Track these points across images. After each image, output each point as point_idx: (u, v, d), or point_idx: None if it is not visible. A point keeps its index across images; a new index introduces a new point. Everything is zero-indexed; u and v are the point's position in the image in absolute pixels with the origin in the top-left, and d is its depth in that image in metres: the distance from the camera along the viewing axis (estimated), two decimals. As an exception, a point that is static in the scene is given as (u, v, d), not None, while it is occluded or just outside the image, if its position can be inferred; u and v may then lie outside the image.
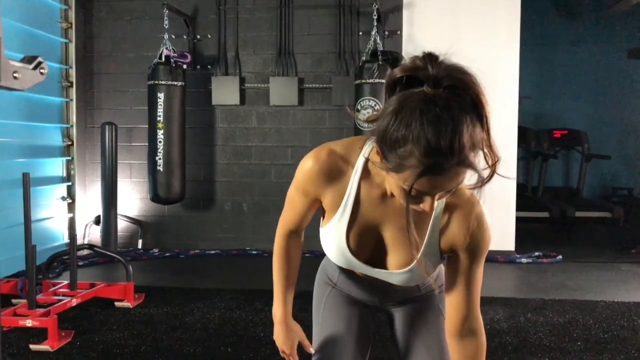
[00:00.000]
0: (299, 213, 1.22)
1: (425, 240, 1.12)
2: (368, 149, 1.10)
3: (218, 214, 5.03)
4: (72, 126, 4.81)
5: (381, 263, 1.18)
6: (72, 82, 4.77)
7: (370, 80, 4.28)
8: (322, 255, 1.33)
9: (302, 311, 3.21)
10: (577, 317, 3.16)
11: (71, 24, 4.74)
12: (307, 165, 1.13)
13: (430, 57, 0.92)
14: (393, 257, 1.16)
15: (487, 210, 1.12)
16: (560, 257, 4.65)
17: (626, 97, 7.45)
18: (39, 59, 0.69)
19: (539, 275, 4.20)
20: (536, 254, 4.70)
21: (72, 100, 4.79)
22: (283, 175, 4.91)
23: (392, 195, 1.05)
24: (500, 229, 4.67)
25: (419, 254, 1.12)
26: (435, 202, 0.96)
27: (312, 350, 1.30)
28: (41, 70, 0.69)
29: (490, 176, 0.95)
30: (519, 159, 4.99)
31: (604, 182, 7.57)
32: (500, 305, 3.35)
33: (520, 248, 4.75)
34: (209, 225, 5.03)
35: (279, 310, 1.31)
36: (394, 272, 1.17)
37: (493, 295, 3.53)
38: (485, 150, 0.93)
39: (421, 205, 0.97)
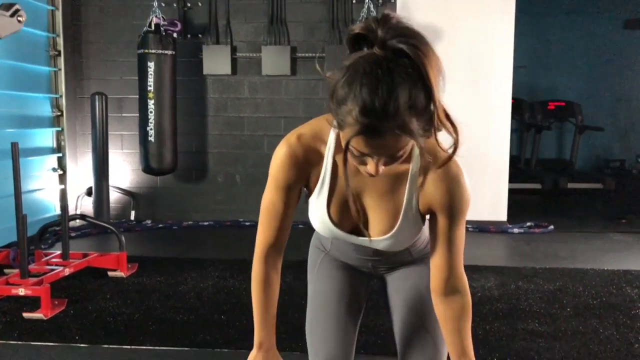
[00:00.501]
0: (280, 216, 1.17)
1: (404, 203, 1.12)
2: None
3: (211, 185, 5.01)
4: (61, 96, 4.74)
5: (363, 233, 1.18)
6: (59, 51, 4.68)
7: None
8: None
9: (295, 280, 3.24)
10: (567, 284, 3.19)
11: (58, -10, 4.63)
12: (281, 154, 1.14)
13: (383, 19, 0.92)
14: (375, 225, 1.16)
15: (480, 181, 1.12)
16: (552, 227, 4.68)
17: (621, 69, 7.43)
18: (17, 6, 0.66)
19: (530, 244, 4.24)
20: (528, 224, 4.73)
21: (60, 69, 4.71)
22: (276, 146, 4.86)
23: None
24: (493, 199, 4.69)
25: (401, 217, 1.13)
26: (381, 167, 0.96)
27: None
28: (19, 18, 0.66)
29: (452, 153, 0.97)
30: (512, 130, 4.97)
31: (596, 154, 7.59)
32: (491, 273, 3.38)
33: (513, 219, 4.77)
34: (202, 196, 5.02)
35: (266, 338, 1.20)
36: (378, 239, 1.17)
37: (485, 264, 3.56)
38: (440, 123, 0.93)
39: (368, 167, 0.97)
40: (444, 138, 1.01)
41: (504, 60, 4.65)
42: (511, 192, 4.85)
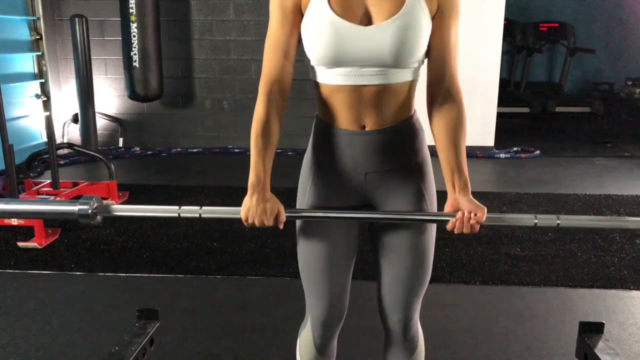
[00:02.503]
0: (282, 45, 1.15)
1: None
2: None
3: (198, 111, 4.95)
4: (38, 19, 4.54)
5: (369, 22, 1.14)
6: (33, -30, 4.44)
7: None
8: (304, 152, 1.30)
9: (286, 207, 3.29)
10: (549, 209, 3.28)
11: None
12: None
13: None
14: (381, 4, 1.13)
15: (468, 105, 1.12)
16: (538, 152, 4.74)
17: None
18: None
19: (516, 170, 4.31)
20: (515, 149, 4.78)
21: (35, -11, 4.48)
22: (264, 71, 4.77)
23: None
24: (481, 124, 4.70)
25: None
26: None
27: (281, 226, 1.18)
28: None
29: None
30: (503, 53, 4.88)
31: (586, 77, 7.54)
32: (476, 198, 3.42)
33: (500, 143, 4.81)
34: (190, 123, 4.97)
35: (261, 177, 1.14)
36: (386, 24, 1.12)
37: (470, 189, 3.62)
38: None
39: None
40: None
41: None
42: (499, 115, 4.85)
